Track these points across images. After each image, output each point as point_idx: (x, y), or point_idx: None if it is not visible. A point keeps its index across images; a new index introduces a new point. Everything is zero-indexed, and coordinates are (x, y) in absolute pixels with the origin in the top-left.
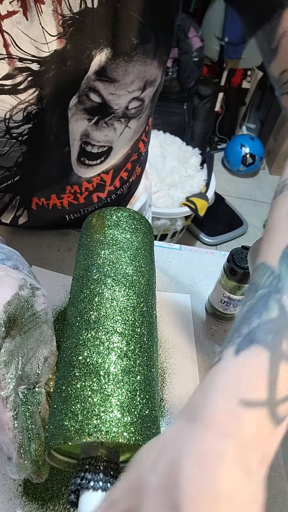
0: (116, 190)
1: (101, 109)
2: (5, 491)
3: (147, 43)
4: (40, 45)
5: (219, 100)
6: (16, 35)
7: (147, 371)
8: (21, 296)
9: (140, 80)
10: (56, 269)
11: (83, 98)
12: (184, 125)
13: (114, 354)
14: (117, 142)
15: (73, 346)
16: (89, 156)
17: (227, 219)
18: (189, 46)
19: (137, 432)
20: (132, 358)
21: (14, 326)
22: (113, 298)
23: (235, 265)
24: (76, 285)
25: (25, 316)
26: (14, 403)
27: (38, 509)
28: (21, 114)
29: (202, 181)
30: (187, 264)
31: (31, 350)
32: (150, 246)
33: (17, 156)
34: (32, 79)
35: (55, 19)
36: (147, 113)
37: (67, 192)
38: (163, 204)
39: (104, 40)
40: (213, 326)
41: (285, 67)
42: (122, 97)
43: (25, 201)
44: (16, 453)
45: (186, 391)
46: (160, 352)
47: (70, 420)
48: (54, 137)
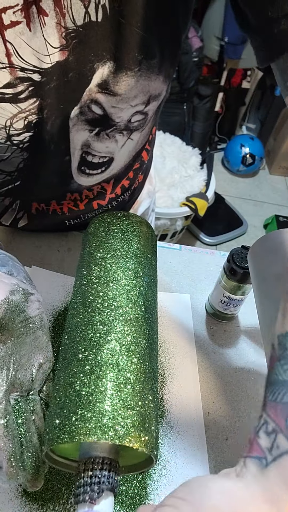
0: (117, 197)
1: (103, 121)
2: (5, 491)
3: (152, 59)
4: (42, 56)
5: (219, 100)
6: (19, 45)
7: (149, 374)
8: (12, 301)
9: (144, 95)
10: (56, 269)
11: (84, 109)
12: (184, 125)
13: (118, 358)
14: (119, 153)
15: (73, 346)
16: (90, 166)
17: (227, 219)
18: (189, 46)
19: (139, 435)
20: (136, 362)
21: (5, 331)
22: (117, 297)
23: (235, 265)
24: (78, 288)
25: (16, 321)
26: (5, 411)
27: (38, 509)
28: (22, 122)
29: (202, 181)
30: (187, 264)
31: (24, 356)
32: (153, 251)
33: (18, 161)
34: (33, 89)
35: (58, 32)
36: (150, 125)
37: (67, 199)
38: (163, 204)
39: (107, 54)
40: (213, 326)
41: None
42: (124, 110)
43: (25, 205)
44: (6, 462)
45: (186, 391)
46: (160, 352)
47: (70, 419)
48: (55, 146)
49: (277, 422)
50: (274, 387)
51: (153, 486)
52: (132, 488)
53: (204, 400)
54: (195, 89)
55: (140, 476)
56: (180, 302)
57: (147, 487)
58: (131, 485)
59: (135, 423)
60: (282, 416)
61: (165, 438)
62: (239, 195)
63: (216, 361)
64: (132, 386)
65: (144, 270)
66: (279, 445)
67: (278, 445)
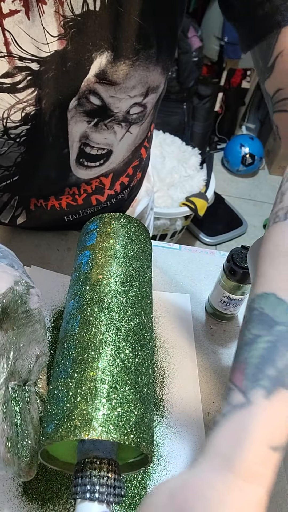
0: (117, 194)
1: (101, 111)
2: (5, 491)
3: (149, 49)
4: (40, 45)
5: (219, 100)
6: (17, 34)
7: (145, 372)
8: (16, 290)
9: (142, 86)
10: (55, 269)
11: (82, 100)
12: (184, 125)
13: (115, 357)
14: (118, 146)
15: (69, 346)
16: (88, 158)
17: (226, 219)
18: (188, 46)
19: (131, 431)
20: (132, 361)
21: (7, 319)
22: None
23: (234, 265)
24: (72, 287)
25: (19, 312)
26: (4, 396)
27: (38, 509)
28: (19, 114)
29: (201, 181)
30: (187, 264)
31: (23, 347)
32: (149, 254)
33: (16, 156)
34: (31, 78)
35: (57, 20)
36: (149, 119)
37: (65, 193)
38: (163, 204)
39: (105, 43)
40: (212, 326)
41: (279, 86)
42: (122, 100)
43: (24, 201)
44: (4, 447)
45: (186, 391)
46: (160, 352)
47: (72, 417)
48: (53, 138)
49: (235, 381)
50: (239, 351)
51: (153, 486)
52: (132, 488)
53: (204, 400)
54: (195, 89)
55: (140, 476)
56: (180, 302)
57: (147, 487)
58: (131, 485)
59: (131, 421)
60: (239, 372)
61: (165, 438)
62: (239, 195)
63: (216, 361)
64: (127, 383)
65: (139, 273)
66: (231, 401)
67: (230, 401)
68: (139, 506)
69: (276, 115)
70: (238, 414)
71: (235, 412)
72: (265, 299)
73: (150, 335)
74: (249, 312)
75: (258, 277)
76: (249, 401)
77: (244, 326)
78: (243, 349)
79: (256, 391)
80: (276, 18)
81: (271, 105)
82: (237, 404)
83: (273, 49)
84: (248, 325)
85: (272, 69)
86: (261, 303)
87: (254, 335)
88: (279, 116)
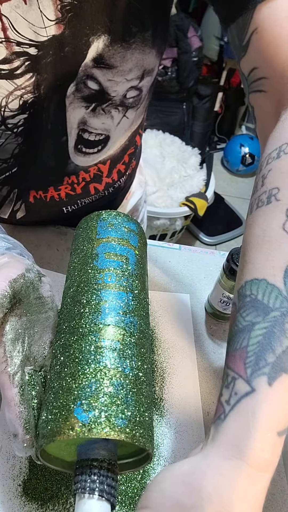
0: (114, 183)
1: (99, 96)
2: (4, 491)
3: (145, 31)
4: (38, 29)
5: (219, 99)
6: (15, 19)
7: (145, 371)
8: (27, 277)
9: (139, 69)
10: (55, 269)
11: (80, 86)
12: (184, 125)
13: (115, 353)
14: (115, 131)
15: (68, 342)
16: (86, 144)
17: (226, 219)
18: (188, 46)
19: (134, 429)
20: (132, 358)
21: (20, 305)
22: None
23: (234, 265)
24: (71, 286)
25: (31, 298)
26: (21, 379)
27: (37, 509)
28: (17, 102)
29: (201, 181)
30: (187, 264)
31: (37, 333)
32: (143, 249)
33: (13, 147)
34: (29, 63)
35: (54, 4)
36: (144, 104)
37: (64, 183)
38: (163, 204)
39: (102, 27)
40: (212, 326)
41: (254, 64)
42: (120, 84)
43: (23, 194)
44: (22, 429)
45: (186, 391)
46: (159, 352)
47: (71, 415)
48: (52, 126)
49: (235, 369)
50: (234, 337)
51: None
52: (132, 488)
53: (204, 400)
54: (195, 89)
55: (140, 476)
56: (180, 302)
57: None
58: (130, 485)
59: (132, 419)
60: (240, 361)
61: (165, 438)
62: (239, 195)
63: (216, 361)
64: (129, 383)
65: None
66: (237, 391)
67: (235, 391)
68: (145, 493)
69: (252, 96)
70: (244, 403)
71: (241, 401)
72: (257, 286)
73: (149, 334)
74: (240, 298)
75: (247, 263)
76: (253, 389)
77: (236, 313)
78: (238, 335)
79: (259, 379)
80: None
81: (247, 86)
82: (242, 393)
83: (247, 27)
84: (241, 312)
85: (247, 48)
86: (252, 289)
87: (249, 322)
88: (255, 97)
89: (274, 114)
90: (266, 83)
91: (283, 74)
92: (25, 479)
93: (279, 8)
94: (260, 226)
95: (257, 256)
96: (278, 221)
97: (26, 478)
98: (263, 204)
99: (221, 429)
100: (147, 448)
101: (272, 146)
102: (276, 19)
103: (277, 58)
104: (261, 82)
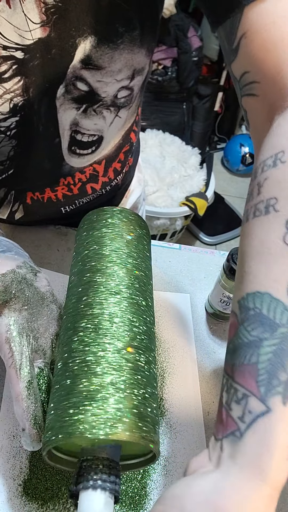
0: (111, 181)
1: (89, 97)
2: (5, 491)
3: (133, 31)
4: (23, 33)
5: (219, 99)
6: (0, 23)
7: (149, 370)
8: (18, 272)
9: (128, 69)
10: (55, 269)
11: (70, 87)
12: (184, 124)
13: (121, 354)
14: (108, 131)
15: (76, 339)
16: (80, 145)
17: (226, 219)
18: (188, 45)
19: (143, 431)
20: (138, 359)
21: (17, 300)
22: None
23: (234, 265)
24: (76, 280)
25: (27, 293)
26: (28, 373)
27: (38, 509)
28: (7, 105)
29: (201, 180)
30: (187, 263)
31: (41, 326)
32: (148, 247)
33: (8, 150)
34: (16, 67)
35: (38, 7)
36: (136, 102)
37: (60, 184)
38: (163, 203)
39: (88, 28)
40: (212, 326)
41: (245, 68)
42: (109, 84)
43: (20, 195)
44: (29, 423)
45: (186, 391)
46: (160, 352)
47: (78, 415)
48: (44, 128)
49: (247, 386)
50: (240, 351)
51: (152, 486)
52: (132, 487)
53: (204, 400)
54: (195, 89)
55: (140, 476)
56: (180, 301)
57: (147, 487)
58: (131, 485)
59: (139, 422)
60: (251, 378)
61: (165, 437)
62: (239, 195)
63: (216, 360)
64: (137, 385)
65: (143, 269)
66: (251, 409)
67: (250, 409)
68: (163, 507)
69: (244, 100)
70: (261, 422)
71: (257, 420)
72: (260, 299)
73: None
74: (242, 310)
75: (247, 274)
76: (269, 409)
77: (239, 325)
78: (244, 350)
79: (274, 399)
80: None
81: (239, 89)
82: (258, 413)
83: (236, 31)
84: (246, 325)
85: (237, 52)
86: (256, 302)
87: (256, 337)
88: (247, 100)
89: (267, 117)
90: (257, 87)
91: (274, 79)
92: (26, 479)
93: (266, 12)
94: (258, 237)
95: (257, 267)
96: (277, 233)
97: (26, 478)
98: (261, 214)
99: (239, 448)
100: (153, 450)
101: (267, 152)
102: (265, 23)
103: (267, 62)
104: (253, 86)
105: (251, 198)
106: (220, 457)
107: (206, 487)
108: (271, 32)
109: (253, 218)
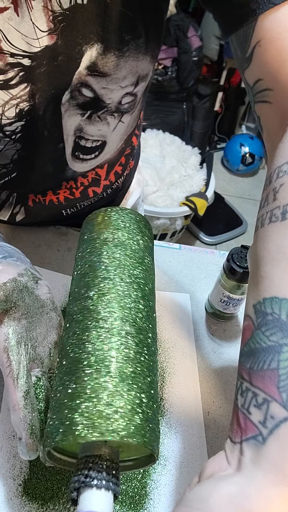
0: (112, 184)
1: (94, 103)
2: (5, 491)
3: (138, 39)
4: (31, 41)
5: (219, 99)
6: (8, 31)
7: (151, 373)
8: (19, 281)
9: (133, 76)
10: (56, 269)
11: (75, 93)
12: (184, 124)
13: (122, 355)
14: (111, 136)
15: (78, 343)
16: (84, 151)
17: (226, 219)
18: (188, 45)
19: (143, 432)
20: (139, 360)
21: (17, 309)
22: (122, 297)
23: (234, 265)
24: (80, 281)
25: (27, 301)
26: (26, 383)
27: (38, 509)
28: (14, 110)
29: (201, 180)
30: (187, 263)
31: (40, 334)
32: (151, 249)
33: (12, 153)
34: (23, 74)
35: (46, 15)
36: (139, 107)
37: (63, 187)
38: (163, 203)
39: (95, 36)
40: (212, 326)
41: (259, 76)
42: (114, 91)
43: (22, 198)
44: (26, 433)
45: (186, 391)
46: (160, 352)
47: (79, 416)
48: (48, 133)
49: (267, 391)
50: (258, 356)
51: (153, 486)
52: (132, 487)
53: (204, 400)
54: (195, 89)
55: (140, 475)
56: (180, 301)
57: (147, 486)
58: (131, 484)
59: (141, 424)
60: (271, 383)
61: (165, 437)
62: (239, 195)
63: (216, 360)
64: (139, 388)
65: (147, 270)
66: (274, 415)
67: (272, 415)
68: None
69: (257, 106)
70: (284, 428)
71: (280, 426)
72: (278, 305)
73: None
74: (259, 315)
75: (263, 279)
76: None
77: (255, 329)
78: (263, 354)
79: None
80: (251, 6)
81: (252, 96)
82: (281, 418)
83: (250, 39)
84: (264, 330)
85: (250, 60)
86: (274, 308)
87: (275, 343)
88: (260, 107)
89: (280, 124)
90: (271, 95)
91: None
92: (26, 479)
93: (280, 21)
94: (274, 242)
95: (275, 273)
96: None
97: (26, 477)
98: (278, 220)
99: (263, 453)
100: (153, 451)
101: (282, 158)
102: (280, 31)
103: (282, 70)
104: (266, 93)
105: (266, 203)
106: (241, 461)
107: (232, 491)
108: (286, 41)
109: (269, 224)
